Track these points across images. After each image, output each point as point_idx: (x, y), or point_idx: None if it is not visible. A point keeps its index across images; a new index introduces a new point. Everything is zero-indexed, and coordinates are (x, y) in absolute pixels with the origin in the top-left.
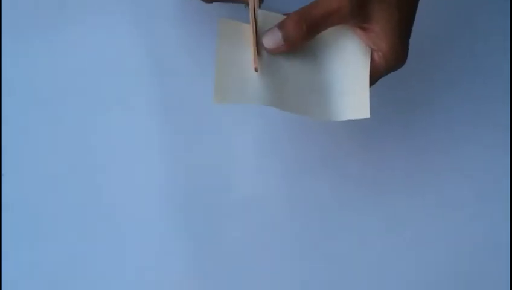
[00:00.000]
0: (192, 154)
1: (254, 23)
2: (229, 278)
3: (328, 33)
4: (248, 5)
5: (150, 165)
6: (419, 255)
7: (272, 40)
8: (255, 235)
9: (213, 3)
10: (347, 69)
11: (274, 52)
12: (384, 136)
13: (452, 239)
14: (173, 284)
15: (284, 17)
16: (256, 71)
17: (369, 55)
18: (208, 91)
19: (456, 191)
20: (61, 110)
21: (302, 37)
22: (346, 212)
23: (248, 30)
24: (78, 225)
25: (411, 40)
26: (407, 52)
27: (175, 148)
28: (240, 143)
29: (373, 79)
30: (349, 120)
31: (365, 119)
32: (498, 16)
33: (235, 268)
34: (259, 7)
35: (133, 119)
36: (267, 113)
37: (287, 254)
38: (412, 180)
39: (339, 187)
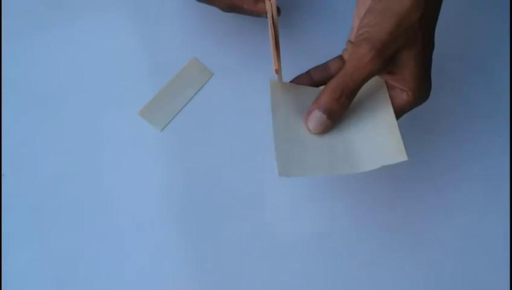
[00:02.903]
0: (191, 154)
1: (272, 29)
2: (229, 278)
3: None
4: (266, 15)
5: (150, 165)
6: (419, 255)
7: (318, 123)
8: (255, 236)
9: (231, 13)
10: (374, 117)
11: (322, 133)
12: None
13: (452, 239)
14: (173, 284)
15: (308, 88)
16: (277, 73)
17: (387, 94)
18: (207, 90)
19: (456, 192)
20: (60, 110)
21: (345, 109)
22: (347, 212)
23: (295, 91)
24: (78, 225)
25: None
26: (431, 85)
27: (175, 147)
28: (239, 144)
29: (401, 114)
30: None
31: None
32: (498, 17)
33: (235, 268)
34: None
35: (133, 118)
36: (265, 112)
37: (287, 254)
38: (412, 180)
39: (339, 186)
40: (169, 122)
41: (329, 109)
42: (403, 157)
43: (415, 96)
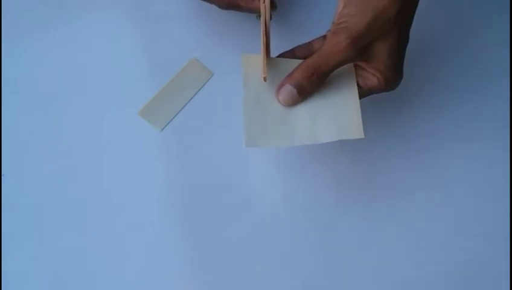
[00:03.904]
0: (191, 154)
1: (265, 35)
2: (229, 277)
3: None
4: (260, 16)
5: (150, 165)
6: (419, 255)
7: (288, 96)
8: (255, 235)
9: (228, 10)
10: (339, 96)
11: (290, 105)
12: (384, 136)
13: (452, 239)
14: (173, 284)
15: (291, 60)
16: (265, 80)
17: (354, 77)
18: (207, 90)
19: (456, 191)
20: (60, 110)
21: (315, 88)
22: (347, 213)
23: (270, 63)
24: (78, 225)
25: (410, 43)
26: (402, 75)
27: (175, 147)
28: (239, 144)
29: (368, 94)
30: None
31: (367, 120)
32: (498, 18)
33: (234, 268)
34: (271, 18)
35: (133, 118)
36: None
37: (287, 254)
38: (412, 180)
39: (339, 187)
40: (169, 122)
41: (300, 85)
42: (360, 134)
43: (386, 83)
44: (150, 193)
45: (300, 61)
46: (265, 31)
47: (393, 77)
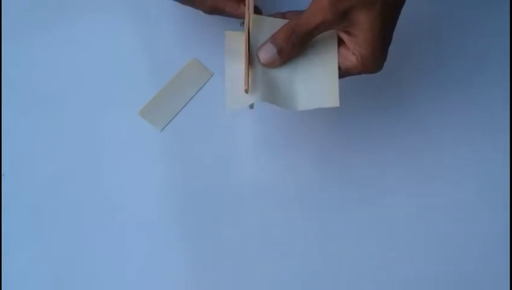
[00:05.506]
0: (191, 154)
1: (247, 46)
2: (229, 278)
3: None
4: (243, 24)
5: (150, 165)
6: (419, 254)
7: (267, 54)
8: (255, 236)
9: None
10: (319, 64)
11: (270, 66)
12: (384, 136)
13: (452, 239)
14: (173, 284)
15: (278, 19)
16: (247, 92)
17: (336, 47)
18: (207, 90)
19: (456, 191)
20: (60, 110)
21: (294, 49)
22: (347, 213)
23: (257, 21)
24: (78, 225)
25: (410, 40)
26: (385, 59)
27: (175, 147)
28: (239, 144)
29: (346, 75)
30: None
31: (365, 120)
32: (498, 16)
33: (235, 268)
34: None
35: (133, 118)
36: (265, 112)
37: (287, 254)
38: (412, 180)
39: (340, 187)
40: (169, 122)
41: (280, 45)
42: (335, 103)
43: (364, 63)
44: (150, 193)
45: (286, 21)
46: (248, 41)
47: (372, 56)
